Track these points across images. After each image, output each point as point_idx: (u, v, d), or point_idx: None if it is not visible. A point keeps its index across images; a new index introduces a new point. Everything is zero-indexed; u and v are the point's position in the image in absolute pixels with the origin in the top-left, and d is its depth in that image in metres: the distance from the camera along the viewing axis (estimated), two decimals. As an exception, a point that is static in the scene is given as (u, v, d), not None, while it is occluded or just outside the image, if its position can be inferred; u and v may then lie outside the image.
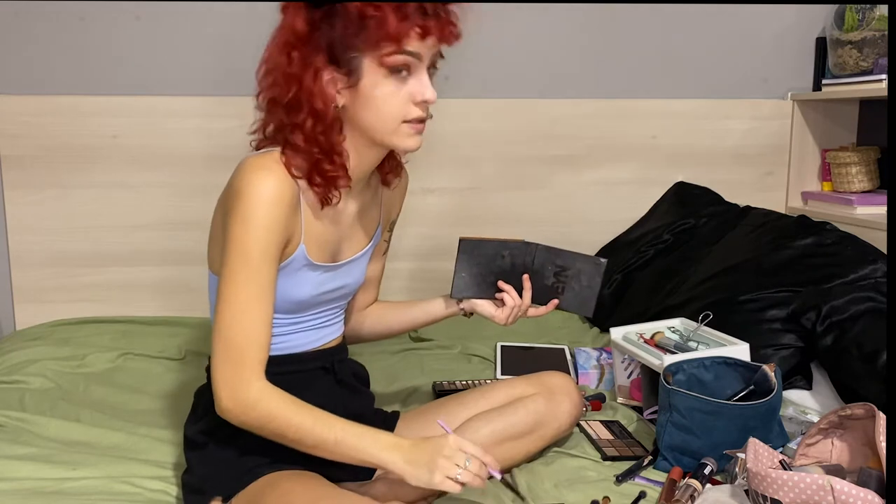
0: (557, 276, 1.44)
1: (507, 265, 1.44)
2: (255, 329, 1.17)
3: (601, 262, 1.43)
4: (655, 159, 2.55)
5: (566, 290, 1.45)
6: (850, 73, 2.40)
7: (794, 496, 1.14)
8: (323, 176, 1.21)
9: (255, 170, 1.16)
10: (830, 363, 1.67)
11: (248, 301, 1.16)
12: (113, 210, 2.29)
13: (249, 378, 1.16)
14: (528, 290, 1.45)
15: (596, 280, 1.44)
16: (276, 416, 1.16)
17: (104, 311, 2.30)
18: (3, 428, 1.59)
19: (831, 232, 1.97)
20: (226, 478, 1.24)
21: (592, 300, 1.45)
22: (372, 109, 1.19)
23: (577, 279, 1.44)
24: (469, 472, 1.14)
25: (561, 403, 1.47)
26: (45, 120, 2.23)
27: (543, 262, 1.44)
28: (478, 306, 1.48)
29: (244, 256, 1.16)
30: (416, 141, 1.24)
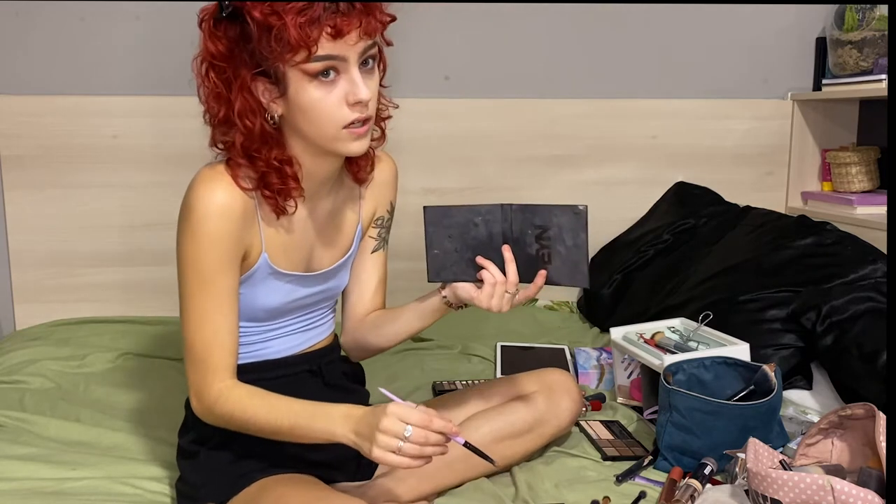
0: (540, 241, 1.24)
1: (484, 235, 1.26)
2: (215, 338, 1.18)
3: (580, 209, 1.20)
4: (655, 159, 2.55)
5: (553, 258, 1.24)
6: (850, 73, 2.40)
7: (794, 496, 1.14)
8: (270, 189, 1.19)
9: (204, 182, 1.16)
10: (830, 363, 1.67)
11: (205, 312, 1.18)
12: (113, 210, 2.29)
13: (211, 381, 1.19)
14: (510, 263, 1.25)
15: (580, 236, 1.21)
16: (234, 413, 1.17)
17: (104, 311, 2.30)
18: (3, 428, 1.59)
19: (831, 232, 1.97)
20: (219, 484, 1.23)
21: (583, 263, 1.22)
22: (305, 118, 1.14)
23: (560, 240, 1.23)
24: (412, 445, 1.06)
25: (561, 401, 1.46)
26: (45, 120, 2.23)
27: (522, 226, 1.24)
28: (459, 290, 1.30)
29: (195, 270, 1.17)
30: (360, 145, 1.17)
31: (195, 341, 1.18)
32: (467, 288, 1.29)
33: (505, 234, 1.26)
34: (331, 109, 1.13)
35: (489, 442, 1.36)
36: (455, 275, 1.29)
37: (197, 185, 1.17)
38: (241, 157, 1.18)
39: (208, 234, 1.15)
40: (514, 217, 1.24)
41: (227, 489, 1.22)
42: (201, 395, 1.19)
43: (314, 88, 1.12)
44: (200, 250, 1.16)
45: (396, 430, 1.07)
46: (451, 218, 1.26)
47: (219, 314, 1.18)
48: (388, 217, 1.44)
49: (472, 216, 1.25)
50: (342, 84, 1.12)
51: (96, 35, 2.25)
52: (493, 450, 1.36)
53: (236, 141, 1.17)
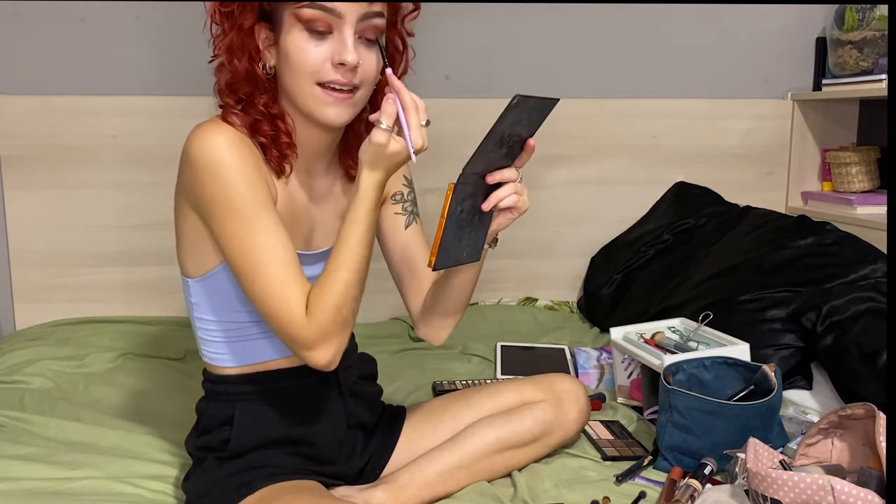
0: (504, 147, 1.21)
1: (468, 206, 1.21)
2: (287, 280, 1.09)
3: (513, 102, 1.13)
4: (655, 159, 2.55)
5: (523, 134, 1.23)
6: (850, 73, 2.40)
7: (794, 496, 1.14)
8: (265, 136, 1.14)
9: (203, 130, 1.10)
10: (830, 363, 1.67)
11: (265, 255, 1.08)
12: (113, 210, 2.29)
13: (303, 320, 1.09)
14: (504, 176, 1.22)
15: (529, 103, 1.19)
16: (335, 301, 1.09)
17: (104, 311, 2.30)
18: (3, 428, 1.59)
19: (831, 232, 1.97)
20: (221, 495, 1.21)
21: (538, 104, 1.22)
22: (288, 66, 1.12)
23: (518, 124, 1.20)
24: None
25: (569, 412, 1.45)
26: (45, 120, 2.23)
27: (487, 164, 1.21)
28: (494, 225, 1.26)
29: (237, 213, 1.08)
30: (338, 113, 1.13)
31: (271, 297, 1.08)
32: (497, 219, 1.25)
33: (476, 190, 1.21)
34: (312, 61, 1.10)
35: (494, 451, 1.36)
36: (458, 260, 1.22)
37: (197, 135, 1.11)
38: (229, 97, 1.13)
39: (228, 167, 1.07)
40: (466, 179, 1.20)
41: (232, 497, 1.20)
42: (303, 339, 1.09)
43: (303, 39, 1.10)
44: (233, 187, 1.07)
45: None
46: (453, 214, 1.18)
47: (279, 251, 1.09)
48: (409, 190, 1.40)
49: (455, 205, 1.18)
50: (332, 43, 1.10)
51: (96, 35, 2.25)
52: (497, 459, 1.37)
53: (222, 80, 1.13)
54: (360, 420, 1.35)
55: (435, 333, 1.40)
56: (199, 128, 1.12)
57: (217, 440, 1.24)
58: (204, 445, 1.27)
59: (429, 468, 1.33)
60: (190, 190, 1.13)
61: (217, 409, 1.27)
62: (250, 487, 1.19)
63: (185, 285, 1.25)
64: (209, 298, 1.23)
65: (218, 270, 1.19)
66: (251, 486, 1.19)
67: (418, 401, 1.79)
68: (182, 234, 1.21)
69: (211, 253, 1.18)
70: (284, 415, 1.25)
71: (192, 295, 1.24)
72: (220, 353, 1.26)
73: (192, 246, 1.20)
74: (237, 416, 1.23)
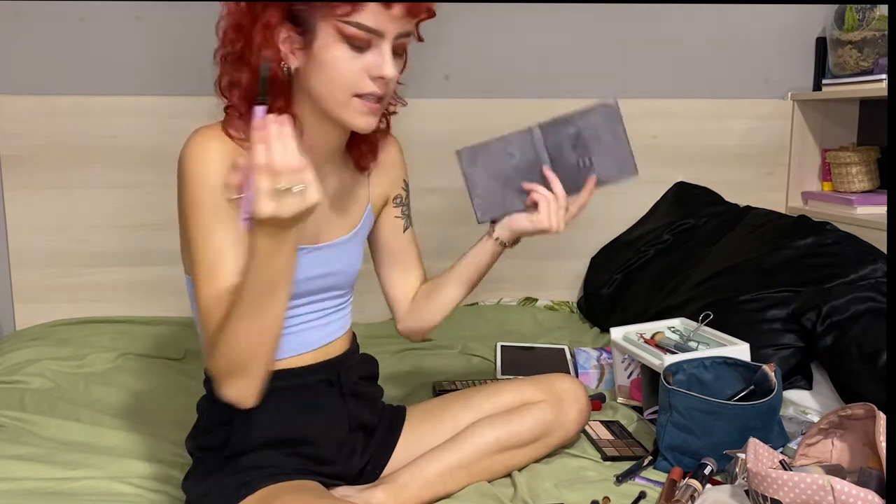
0: (577, 149, 1.25)
1: (521, 163, 1.26)
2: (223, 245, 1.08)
3: (610, 103, 1.24)
4: (655, 159, 2.55)
5: (594, 160, 1.27)
6: (850, 73, 2.40)
7: (795, 496, 1.14)
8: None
9: (192, 137, 1.12)
10: (830, 363, 1.67)
11: (211, 262, 1.08)
12: (113, 210, 2.29)
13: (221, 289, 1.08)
14: (555, 181, 1.29)
15: (618, 129, 1.25)
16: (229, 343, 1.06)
17: (104, 311, 2.30)
18: (3, 428, 1.59)
19: (831, 232, 1.97)
20: (220, 495, 1.21)
21: (627, 153, 1.26)
22: (322, 75, 1.12)
23: (597, 140, 1.25)
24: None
25: (569, 412, 1.45)
26: (45, 120, 2.23)
27: (556, 142, 1.26)
28: (514, 223, 1.33)
29: (196, 219, 1.09)
30: (369, 121, 1.15)
31: (200, 300, 1.08)
32: (521, 218, 1.32)
33: (541, 156, 1.27)
34: (350, 74, 1.11)
35: (494, 451, 1.36)
36: (504, 209, 1.29)
37: (187, 142, 1.12)
38: (239, 99, 1.13)
39: (203, 177, 1.09)
40: (546, 136, 1.26)
41: (232, 497, 1.19)
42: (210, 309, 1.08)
43: (343, 51, 1.10)
44: (197, 196, 1.09)
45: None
46: (486, 155, 1.26)
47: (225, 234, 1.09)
48: (406, 194, 1.44)
49: (505, 147, 1.25)
50: (370, 56, 1.12)
51: (96, 35, 2.25)
52: (497, 459, 1.37)
53: (243, 80, 1.12)
54: (361, 421, 1.35)
55: (417, 329, 1.46)
56: (196, 133, 1.14)
57: (218, 440, 1.24)
58: (205, 445, 1.27)
59: (429, 468, 1.33)
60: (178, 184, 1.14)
61: (218, 409, 1.25)
62: (250, 487, 1.19)
63: (188, 283, 1.25)
64: None
65: None
66: (251, 486, 1.19)
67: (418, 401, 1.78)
68: (181, 232, 1.20)
69: None
70: (285, 415, 1.25)
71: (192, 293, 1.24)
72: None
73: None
74: (238, 416, 1.22)
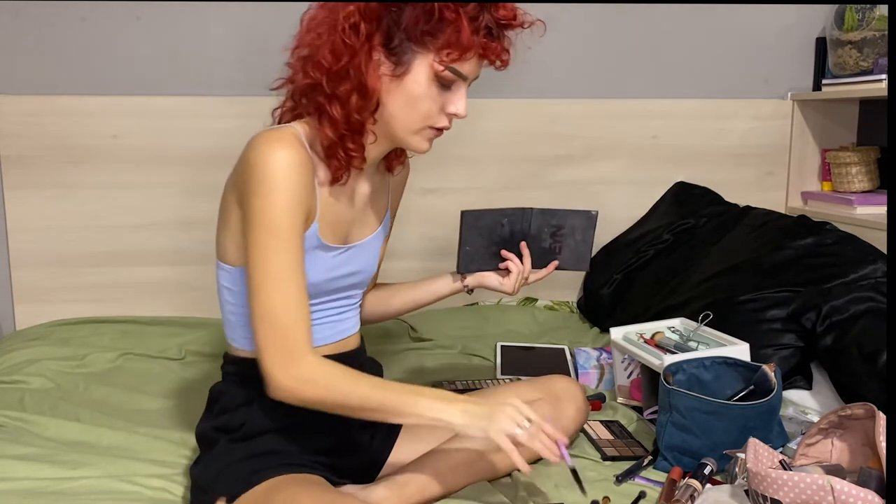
0: (554, 237, 1.49)
1: (507, 233, 1.47)
2: (295, 301, 1.15)
3: (592, 214, 1.49)
4: (655, 159, 2.55)
5: (563, 250, 1.50)
6: (850, 73, 2.40)
7: (794, 496, 1.14)
8: (346, 152, 1.21)
9: (270, 142, 1.15)
10: (830, 363, 1.67)
11: (284, 273, 1.14)
12: (113, 210, 2.29)
13: (301, 353, 1.15)
14: (527, 256, 1.48)
15: (589, 233, 1.50)
16: (337, 386, 1.15)
17: (104, 311, 2.30)
18: (3, 428, 1.59)
19: (831, 232, 1.97)
20: (232, 478, 1.23)
21: (587, 254, 1.52)
22: (406, 104, 1.20)
23: (571, 236, 1.49)
24: (528, 432, 1.14)
25: (566, 409, 1.47)
26: (45, 120, 2.23)
27: (540, 226, 1.48)
28: (485, 279, 1.51)
29: (271, 229, 1.13)
30: (428, 146, 1.27)
31: (276, 305, 1.14)
32: (491, 277, 1.51)
33: (524, 231, 1.48)
34: (430, 108, 1.21)
35: (494, 450, 1.36)
36: (480, 266, 1.50)
37: (262, 144, 1.15)
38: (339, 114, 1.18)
39: (280, 190, 1.13)
40: (534, 218, 1.48)
41: (240, 484, 1.21)
42: (291, 369, 1.14)
43: (432, 87, 1.20)
44: (274, 207, 1.13)
45: (517, 418, 1.15)
46: (483, 220, 1.46)
47: (297, 276, 1.15)
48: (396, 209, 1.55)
49: (499, 218, 1.46)
50: (450, 95, 1.22)
51: (96, 35, 2.25)
52: (497, 458, 1.37)
53: (346, 96, 1.17)
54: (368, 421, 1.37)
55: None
56: (270, 135, 1.16)
57: (235, 421, 1.27)
58: (220, 426, 1.29)
59: (430, 467, 1.34)
60: (241, 190, 1.18)
61: (237, 391, 1.30)
62: (261, 475, 1.21)
63: (224, 273, 1.29)
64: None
65: None
66: (262, 475, 1.21)
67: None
68: (228, 224, 1.24)
69: None
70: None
71: (231, 283, 1.28)
72: (249, 338, 1.29)
73: (237, 235, 1.23)
74: (258, 399, 1.25)
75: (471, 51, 1.16)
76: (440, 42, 1.15)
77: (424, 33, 1.15)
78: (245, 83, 2.30)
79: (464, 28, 1.14)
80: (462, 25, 1.14)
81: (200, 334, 2.17)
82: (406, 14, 1.15)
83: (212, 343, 2.13)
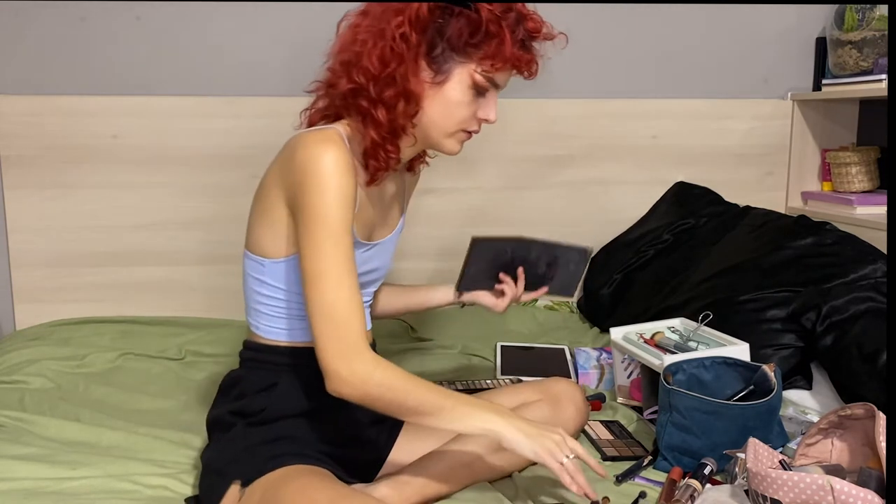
0: (549, 266, 1.57)
1: (508, 259, 1.55)
2: (353, 298, 1.18)
3: (588, 251, 1.58)
4: (655, 159, 2.55)
5: (554, 278, 1.59)
6: (850, 73, 2.40)
7: (794, 496, 1.14)
8: (386, 154, 1.26)
9: (321, 143, 1.18)
10: (830, 363, 1.67)
11: (340, 268, 1.17)
12: (113, 210, 2.29)
13: (362, 348, 1.17)
14: (521, 281, 1.56)
15: (581, 267, 1.59)
16: (396, 384, 1.17)
17: (104, 311, 2.30)
18: (3, 428, 1.59)
19: (831, 232, 1.97)
20: (249, 463, 1.24)
21: (575, 285, 1.61)
22: (443, 111, 1.26)
23: (565, 267, 1.58)
24: (573, 463, 1.18)
25: (566, 410, 1.48)
26: (45, 120, 2.23)
27: (539, 255, 1.55)
28: (480, 297, 1.58)
29: (326, 227, 1.17)
30: (459, 148, 1.33)
31: (336, 303, 1.16)
32: (486, 296, 1.58)
33: (524, 259, 1.55)
34: (465, 115, 1.27)
35: (492, 450, 1.37)
36: (478, 287, 1.58)
37: (314, 144, 1.18)
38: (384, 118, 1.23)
39: (334, 188, 1.17)
40: (535, 248, 1.54)
41: (256, 469, 1.23)
42: (353, 363, 1.16)
43: (469, 95, 1.26)
44: (330, 206, 1.17)
45: (563, 447, 1.19)
46: (491, 248, 1.51)
47: (352, 272, 1.19)
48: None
49: (506, 247, 1.53)
50: (483, 102, 1.28)
51: (96, 35, 2.25)
52: (496, 457, 1.38)
53: (393, 101, 1.22)
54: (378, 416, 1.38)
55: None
56: (319, 136, 1.19)
57: (254, 406, 1.29)
58: (237, 410, 1.31)
59: (431, 466, 1.35)
60: (291, 189, 1.21)
61: (258, 377, 1.33)
62: (277, 462, 1.23)
63: (257, 265, 1.31)
64: (285, 278, 1.30)
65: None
66: (278, 461, 1.23)
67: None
68: (268, 220, 1.27)
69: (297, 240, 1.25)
70: (320, 390, 1.30)
71: (266, 275, 1.30)
72: (277, 328, 1.33)
73: (278, 232, 1.27)
74: (280, 384, 1.30)
75: (511, 63, 1.23)
76: (481, 53, 1.22)
77: (468, 45, 1.22)
78: (245, 83, 2.30)
79: (507, 41, 1.21)
80: (505, 38, 1.21)
81: (200, 334, 2.17)
82: (451, 25, 1.21)
83: (212, 343, 2.13)
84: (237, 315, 2.34)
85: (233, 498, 1.22)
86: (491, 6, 1.21)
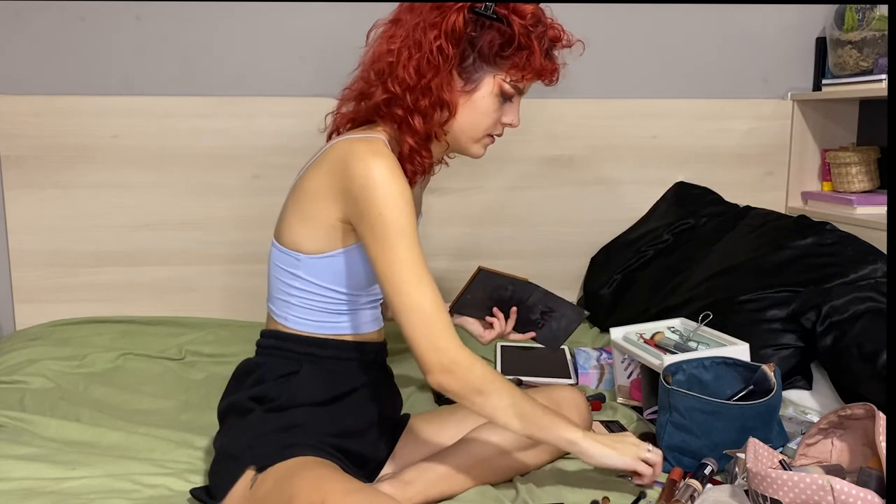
0: (543, 315, 1.58)
1: (507, 296, 1.55)
2: (436, 295, 1.22)
3: (584, 313, 1.62)
4: (655, 159, 2.55)
5: (544, 327, 1.60)
6: (850, 73, 2.40)
7: (794, 496, 1.14)
8: (422, 159, 1.32)
9: (374, 154, 1.22)
10: (830, 363, 1.67)
11: (420, 272, 1.22)
12: (113, 210, 2.29)
13: (458, 341, 1.23)
14: (512, 320, 1.57)
15: (573, 326, 1.60)
16: (495, 379, 1.23)
17: (104, 311, 2.30)
18: (3, 428, 1.59)
19: (831, 232, 1.97)
20: (266, 449, 1.25)
21: (562, 340, 1.62)
22: (472, 118, 1.32)
23: (557, 321, 1.59)
24: (656, 453, 1.29)
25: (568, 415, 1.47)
26: (45, 120, 2.23)
27: (536, 302, 1.56)
28: (468, 324, 1.60)
29: (399, 231, 1.21)
30: (483, 152, 1.39)
31: (423, 303, 1.21)
32: (475, 325, 1.60)
33: (521, 300, 1.55)
34: (491, 121, 1.33)
35: (497, 454, 1.38)
36: (470, 314, 1.59)
37: (368, 156, 1.22)
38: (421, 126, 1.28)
39: (397, 195, 1.21)
40: (535, 293, 1.54)
41: (273, 455, 1.23)
42: (454, 354, 1.21)
43: (495, 101, 1.32)
44: (400, 212, 1.21)
45: (642, 445, 1.30)
46: (494, 281, 1.52)
47: (429, 272, 1.23)
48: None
49: (508, 283, 1.53)
50: (508, 107, 1.35)
51: (96, 35, 2.25)
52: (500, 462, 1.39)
53: (429, 111, 1.28)
54: (388, 415, 1.42)
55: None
56: (369, 147, 1.24)
57: (274, 392, 1.31)
58: (255, 396, 1.32)
59: (435, 468, 1.35)
60: (349, 199, 1.24)
61: (279, 364, 1.35)
62: (293, 451, 1.24)
63: (290, 258, 1.33)
64: (319, 274, 1.32)
65: (338, 253, 1.31)
66: (294, 450, 1.24)
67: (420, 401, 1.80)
68: (311, 220, 1.30)
69: (338, 239, 1.30)
70: (338, 381, 1.35)
71: (297, 268, 1.33)
72: (307, 319, 1.35)
73: (319, 230, 1.30)
74: (301, 371, 1.33)
75: (538, 73, 1.30)
76: (510, 63, 1.28)
77: (498, 55, 1.28)
78: (245, 83, 2.30)
79: (536, 53, 1.28)
80: (535, 50, 1.27)
81: (200, 334, 2.17)
82: (483, 37, 1.27)
83: (212, 343, 2.13)
84: (237, 315, 2.34)
85: (245, 483, 1.22)
86: (523, 19, 1.27)
